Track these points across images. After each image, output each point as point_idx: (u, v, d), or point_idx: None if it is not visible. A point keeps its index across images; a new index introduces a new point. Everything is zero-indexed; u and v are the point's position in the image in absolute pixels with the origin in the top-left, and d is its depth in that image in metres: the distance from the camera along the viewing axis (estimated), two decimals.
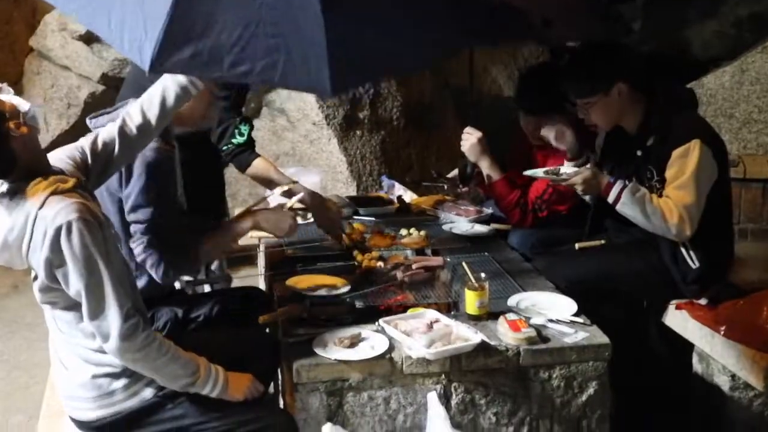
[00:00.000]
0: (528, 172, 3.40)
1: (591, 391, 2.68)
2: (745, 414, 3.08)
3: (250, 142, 3.49)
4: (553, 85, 3.40)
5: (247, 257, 4.23)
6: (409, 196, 4.52)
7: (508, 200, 3.68)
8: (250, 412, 2.47)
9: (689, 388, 3.29)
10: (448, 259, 3.30)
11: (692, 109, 3.31)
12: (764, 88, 5.65)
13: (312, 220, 3.78)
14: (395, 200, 4.26)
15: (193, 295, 3.41)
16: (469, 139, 3.70)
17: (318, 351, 2.56)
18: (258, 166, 3.52)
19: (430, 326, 2.69)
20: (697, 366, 3.25)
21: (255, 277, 3.91)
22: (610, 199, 3.11)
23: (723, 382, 3.10)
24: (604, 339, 2.68)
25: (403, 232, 3.64)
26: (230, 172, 4.49)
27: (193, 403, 2.44)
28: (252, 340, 2.88)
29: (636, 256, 3.25)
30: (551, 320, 2.78)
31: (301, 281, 3.08)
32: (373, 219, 3.94)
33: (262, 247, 3.69)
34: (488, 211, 3.95)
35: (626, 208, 3.09)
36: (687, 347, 3.30)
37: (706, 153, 3.04)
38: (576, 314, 2.82)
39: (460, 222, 3.86)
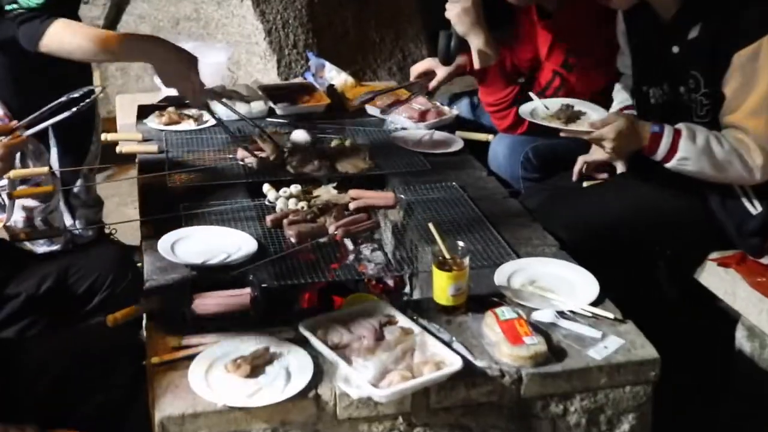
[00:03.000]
0: (525, 109, 2.36)
1: (626, 427, 1.75)
2: None
3: (51, 4, 2.24)
4: None
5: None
6: (343, 80, 3.42)
7: (502, 95, 2.64)
8: None
9: (729, 367, 2.40)
10: (402, 196, 2.30)
11: None
12: None
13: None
14: (323, 92, 3.14)
15: (27, 254, 2.33)
16: (460, 2, 2.60)
17: (197, 389, 1.56)
18: (56, 32, 2.22)
19: (380, 333, 1.70)
20: (743, 343, 2.34)
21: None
22: (659, 155, 2.11)
23: None
24: (649, 351, 1.72)
25: (334, 143, 2.61)
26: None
27: None
28: (102, 346, 1.86)
29: (666, 193, 2.27)
30: (562, 313, 1.81)
31: (186, 237, 2.06)
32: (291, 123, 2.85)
33: (137, 167, 2.61)
34: (453, 112, 2.90)
35: (687, 164, 2.10)
36: (720, 312, 2.41)
37: None
38: (598, 300, 1.86)
39: (413, 129, 2.80)
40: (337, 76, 3.43)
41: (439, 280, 1.79)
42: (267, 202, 2.27)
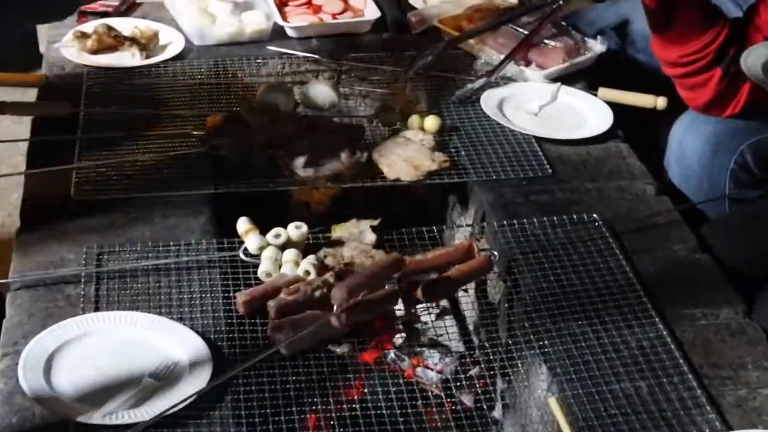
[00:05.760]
0: (752, 61, 1.25)
1: None
2: None
3: None
4: None
5: None
6: None
7: (697, 45, 1.42)
8: None
9: None
10: (495, 253, 1.19)
11: None
12: None
13: None
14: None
15: None
16: None
17: None
18: None
19: None
20: None
21: None
22: None
23: None
24: None
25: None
26: None
27: None
28: None
29: None
30: None
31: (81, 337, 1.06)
32: (323, 59, 1.69)
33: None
34: (598, 47, 1.68)
35: None
36: None
37: None
38: None
39: (521, 79, 1.62)
40: None
41: None
42: (243, 255, 1.17)
